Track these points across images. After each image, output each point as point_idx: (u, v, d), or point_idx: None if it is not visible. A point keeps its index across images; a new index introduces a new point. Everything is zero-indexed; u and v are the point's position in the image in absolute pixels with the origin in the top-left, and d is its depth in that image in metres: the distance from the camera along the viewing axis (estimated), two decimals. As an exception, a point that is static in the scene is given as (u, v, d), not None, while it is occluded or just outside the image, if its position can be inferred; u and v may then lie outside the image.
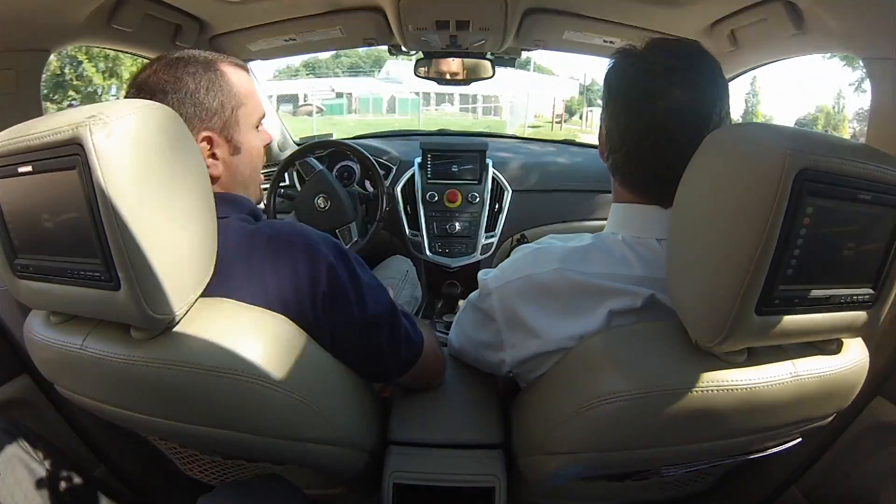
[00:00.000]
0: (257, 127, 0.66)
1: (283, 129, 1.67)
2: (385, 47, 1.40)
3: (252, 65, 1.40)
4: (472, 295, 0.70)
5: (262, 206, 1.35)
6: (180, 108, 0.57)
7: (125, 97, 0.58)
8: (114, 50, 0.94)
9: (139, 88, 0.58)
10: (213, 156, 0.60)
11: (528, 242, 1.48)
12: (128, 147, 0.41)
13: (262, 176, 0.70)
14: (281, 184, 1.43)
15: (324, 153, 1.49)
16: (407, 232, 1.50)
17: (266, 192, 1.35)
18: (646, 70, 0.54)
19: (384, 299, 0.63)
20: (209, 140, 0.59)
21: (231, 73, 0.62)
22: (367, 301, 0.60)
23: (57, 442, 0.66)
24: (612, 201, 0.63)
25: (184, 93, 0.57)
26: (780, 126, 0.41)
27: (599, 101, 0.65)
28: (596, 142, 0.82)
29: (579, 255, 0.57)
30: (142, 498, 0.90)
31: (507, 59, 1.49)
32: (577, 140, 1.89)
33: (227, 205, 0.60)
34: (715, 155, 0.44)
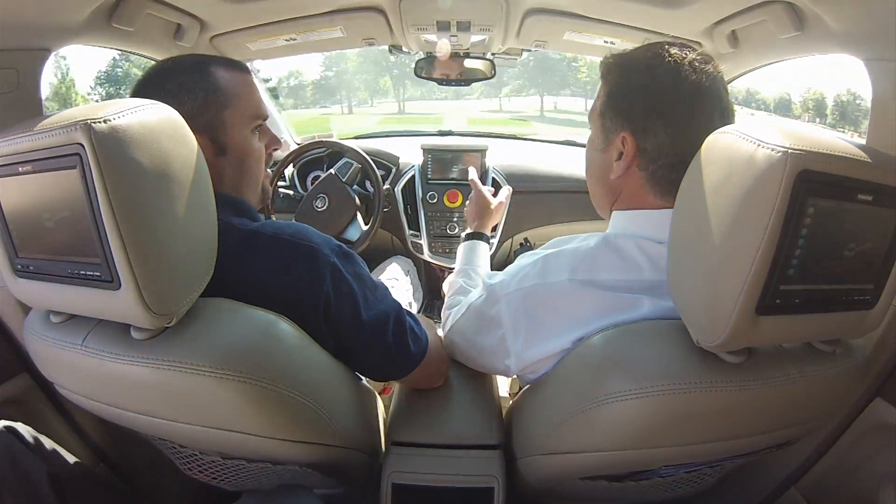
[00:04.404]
0: (256, 128, 0.65)
1: (284, 128, 1.67)
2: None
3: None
4: (475, 300, 0.69)
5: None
6: None
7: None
8: (115, 49, 0.94)
9: (134, 93, 0.58)
10: None
11: (531, 248, 1.48)
12: (128, 146, 0.41)
13: (260, 176, 0.67)
14: (280, 183, 1.43)
15: (323, 153, 1.49)
16: (407, 232, 1.50)
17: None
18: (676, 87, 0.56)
19: (389, 298, 0.64)
20: None
21: (221, 74, 0.61)
22: (372, 300, 0.61)
23: (57, 441, 0.66)
24: (617, 208, 0.63)
25: (164, 94, 0.57)
26: (782, 126, 0.41)
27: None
28: None
29: (589, 261, 0.57)
30: (141, 497, 0.90)
31: (507, 59, 1.49)
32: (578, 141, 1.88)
33: (226, 206, 0.60)
34: (716, 154, 0.44)
